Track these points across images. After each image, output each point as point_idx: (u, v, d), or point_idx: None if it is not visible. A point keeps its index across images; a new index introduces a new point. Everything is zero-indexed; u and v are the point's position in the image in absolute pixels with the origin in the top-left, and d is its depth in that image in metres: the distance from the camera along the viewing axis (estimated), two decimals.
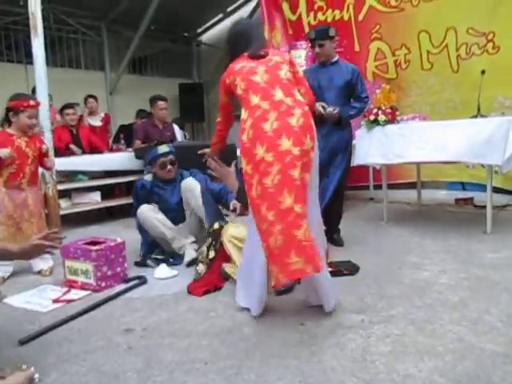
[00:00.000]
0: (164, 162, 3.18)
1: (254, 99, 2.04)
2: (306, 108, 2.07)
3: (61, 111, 5.06)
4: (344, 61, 3.48)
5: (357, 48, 5.37)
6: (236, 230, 2.62)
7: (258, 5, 7.76)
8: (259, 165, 1.94)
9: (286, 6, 5.85)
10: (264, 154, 1.93)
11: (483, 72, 3.67)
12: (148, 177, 3.30)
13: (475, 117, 3.56)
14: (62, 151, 4.65)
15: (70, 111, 4.96)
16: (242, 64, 2.17)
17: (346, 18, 5.39)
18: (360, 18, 5.27)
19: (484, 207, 3.62)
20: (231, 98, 2.28)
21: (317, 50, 3.25)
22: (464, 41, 4.49)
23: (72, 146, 4.86)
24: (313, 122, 2.07)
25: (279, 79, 2.09)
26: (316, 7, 5.59)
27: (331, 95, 3.24)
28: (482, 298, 2.19)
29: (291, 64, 2.21)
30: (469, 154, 3.29)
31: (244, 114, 2.08)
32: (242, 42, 2.25)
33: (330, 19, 5.52)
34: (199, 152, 2.75)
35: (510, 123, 3.15)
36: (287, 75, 2.13)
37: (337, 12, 5.45)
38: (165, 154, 3.19)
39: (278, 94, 2.03)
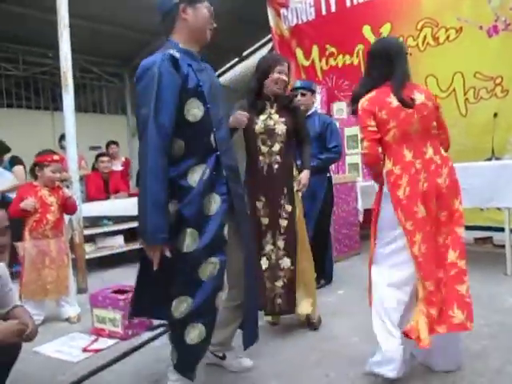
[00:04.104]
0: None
1: (408, 154, 1.97)
2: (451, 163, 2.02)
3: (96, 158, 5.36)
4: (319, 114, 3.69)
5: None
6: None
7: (272, 50, 8.13)
8: (423, 224, 1.93)
9: (299, 53, 6.12)
10: (426, 215, 1.93)
11: (496, 115, 3.77)
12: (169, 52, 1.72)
13: (490, 159, 3.63)
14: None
15: (104, 159, 5.26)
16: (391, 100, 1.97)
17: (355, 62, 5.61)
18: None
19: (504, 246, 3.62)
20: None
21: (298, 97, 3.38)
22: (472, 85, 4.59)
23: (120, 194, 5.17)
24: (457, 178, 2.03)
25: (430, 134, 2.02)
26: (328, 53, 5.85)
27: None
28: (504, 346, 2.20)
29: (436, 108, 2.08)
30: (492, 200, 3.38)
31: (395, 168, 1.97)
32: (383, 63, 2.04)
33: (340, 64, 5.76)
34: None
35: None
36: (435, 126, 2.05)
37: (347, 57, 5.68)
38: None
39: (429, 152, 1.98)
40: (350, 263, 4.21)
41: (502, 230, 3.65)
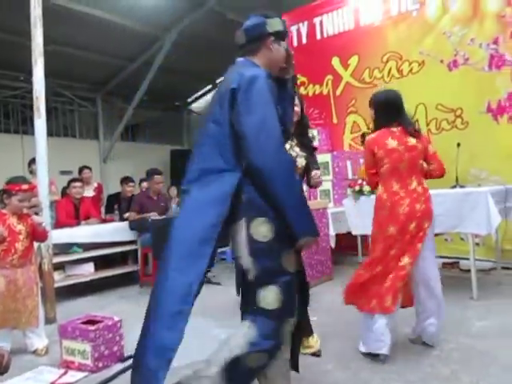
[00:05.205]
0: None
1: (395, 186, 2.52)
2: (428, 194, 2.55)
3: (68, 183, 5.24)
4: None
5: (335, 120, 5.79)
6: None
7: None
8: (388, 239, 2.49)
9: None
10: (396, 235, 2.47)
11: (459, 145, 3.96)
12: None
13: (454, 187, 3.80)
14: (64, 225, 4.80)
15: (77, 184, 5.12)
16: (388, 142, 2.50)
17: (325, 92, 5.85)
18: (338, 92, 5.73)
19: (470, 271, 3.74)
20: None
21: None
22: (434, 116, 4.83)
23: (91, 221, 5.03)
24: (431, 205, 2.55)
25: (416, 169, 2.54)
26: (299, 82, 6.04)
27: None
28: (473, 369, 2.27)
29: (425, 148, 2.60)
30: (457, 226, 3.53)
31: (383, 193, 2.55)
32: (391, 113, 2.57)
33: (311, 93, 5.99)
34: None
35: (487, 194, 3.37)
36: (421, 163, 2.57)
37: (317, 87, 5.92)
38: None
39: (413, 184, 2.52)
40: (322, 289, 4.24)
41: (467, 259, 3.80)
